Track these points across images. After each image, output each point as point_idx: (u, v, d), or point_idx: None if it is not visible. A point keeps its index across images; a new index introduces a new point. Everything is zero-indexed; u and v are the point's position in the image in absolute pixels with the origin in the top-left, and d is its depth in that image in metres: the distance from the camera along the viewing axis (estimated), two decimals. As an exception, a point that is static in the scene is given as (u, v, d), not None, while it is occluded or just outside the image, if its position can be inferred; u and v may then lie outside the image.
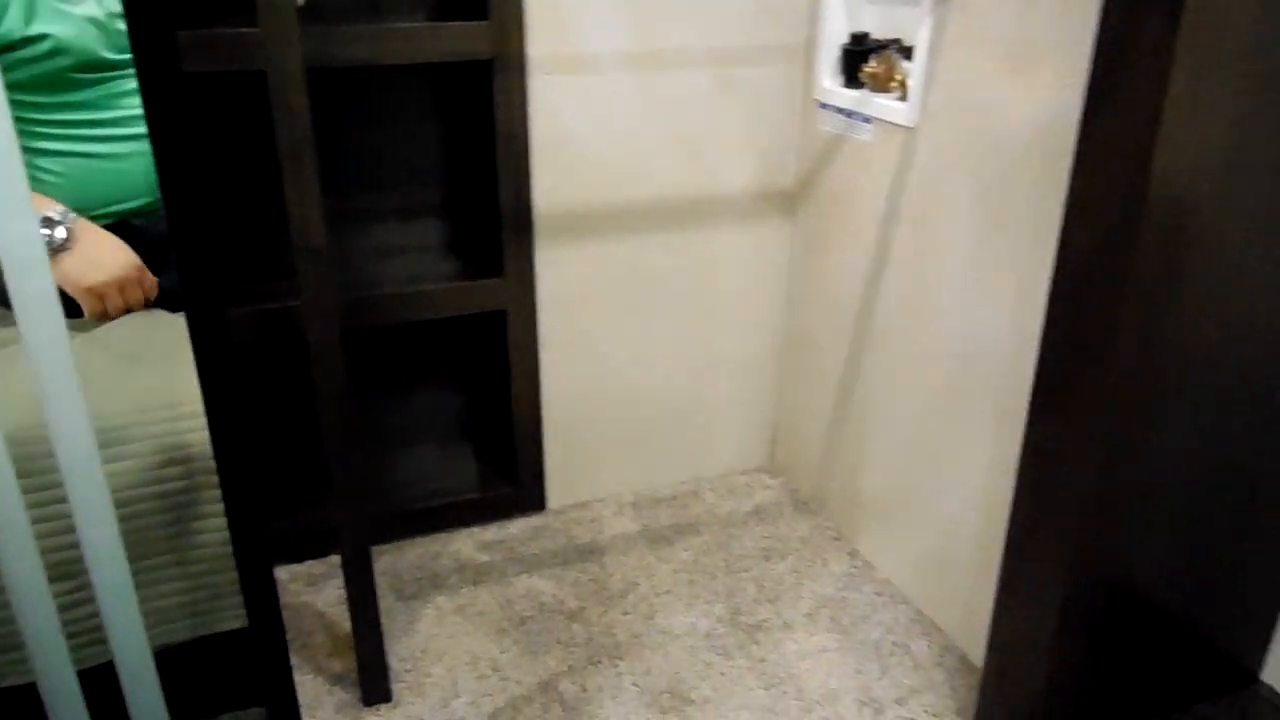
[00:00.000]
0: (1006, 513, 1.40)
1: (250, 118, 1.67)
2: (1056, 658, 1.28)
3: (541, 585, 1.76)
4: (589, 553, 1.86)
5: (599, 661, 1.57)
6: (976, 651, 1.55)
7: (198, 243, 0.76)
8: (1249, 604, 1.40)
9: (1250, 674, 1.44)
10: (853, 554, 1.86)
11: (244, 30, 1.48)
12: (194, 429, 1.03)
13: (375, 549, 1.84)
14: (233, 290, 1.68)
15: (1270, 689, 1.42)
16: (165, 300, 1.32)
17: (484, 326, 1.90)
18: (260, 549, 0.89)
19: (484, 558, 1.85)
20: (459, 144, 1.84)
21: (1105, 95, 1.06)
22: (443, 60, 1.61)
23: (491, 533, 1.93)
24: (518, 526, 1.95)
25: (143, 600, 0.93)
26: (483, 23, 1.61)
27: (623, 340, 1.93)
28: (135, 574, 0.88)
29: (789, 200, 1.94)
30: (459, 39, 1.60)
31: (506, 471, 1.99)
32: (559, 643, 1.62)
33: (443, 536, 1.91)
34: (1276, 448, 1.27)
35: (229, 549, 1.01)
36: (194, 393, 0.91)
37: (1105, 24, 1.05)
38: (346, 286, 1.72)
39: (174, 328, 1.23)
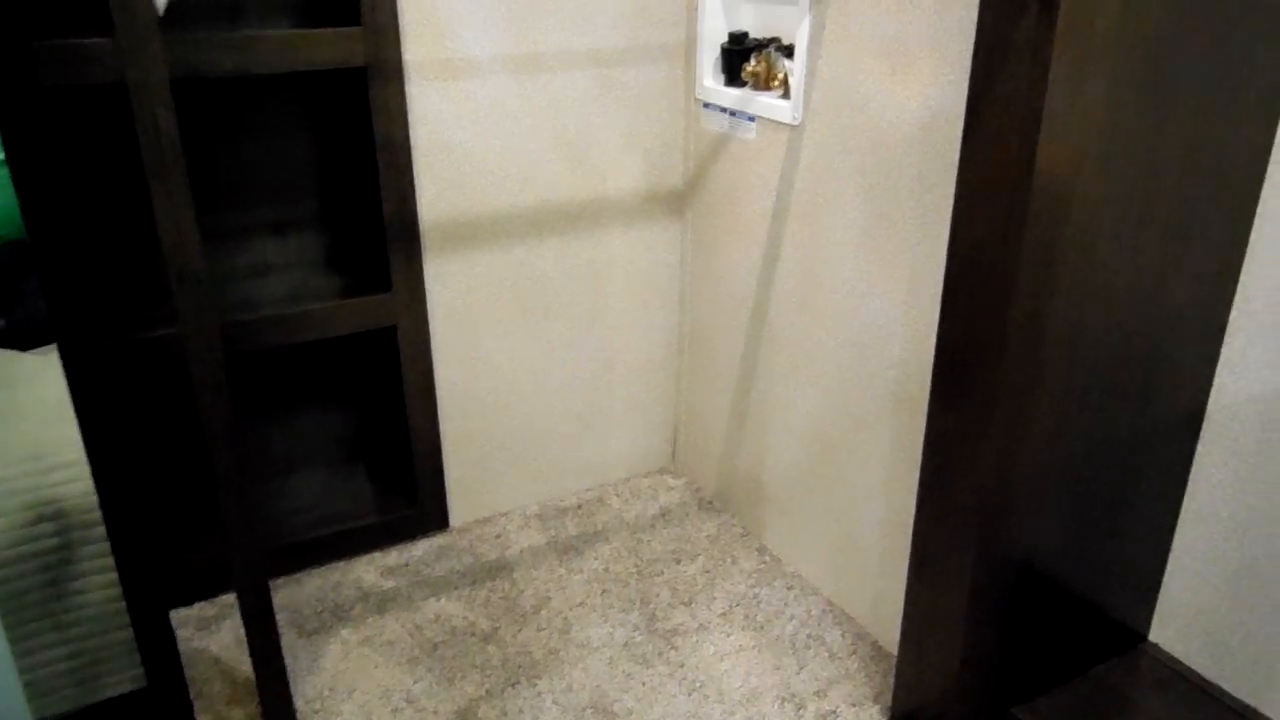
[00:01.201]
0: (909, 500, 1.43)
1: (115, 134, 1.55)
2: (968, 637, 1.32)
3: (451, 608, 1.71)
4: (498, 570, 1.81)
5: (517, 682, 1.54)
6: (888, 637, 1.59)
7: (66, 271, 0.69)
8: (1136, 570, 1.47)
9: (1139, 635, 1.52)
10: (761, 550, 1.87)
11: (102, 40, 1.37)
12: (66, 481, 0.95)
13: (271, 583, 1.75)
14: (106, 319, 1.56)
15: (1156, 646, 1.51)
16: (8, 337, 1.21)
17: (374, 343, 1.83)
18: (156, 601, 0.82)
19: (388, 584, 1.78)
20: (336, 153, 1.76)
21: (987, 93, 1.09)
22: (316, 69, 1.54)
23: (394, 557, 1.86)
24: (421, 548, 1.89)
25: (21, 671, 0.84)
26: (356, 29, 1.54)
27: (518, 349, 1.89)
28: (11, 643, 0.80)
29: (677, 200, 1.94)
30: (332, 46, 1.53)
31: (406, 491, 1.92)
32: (475, 666, 1.57)
33: (342, 565, 1.83)
34: (1153, 422, 1.34)
35: (113, 607, 0.93)
36: (62, 441, 0.83)
37: (983, 24, 1.08)
38: (225, 309, 1.62)
39: (22, 368, 1.13)
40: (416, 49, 1.60)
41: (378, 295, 1.71)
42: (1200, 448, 1.39)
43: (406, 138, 1.63)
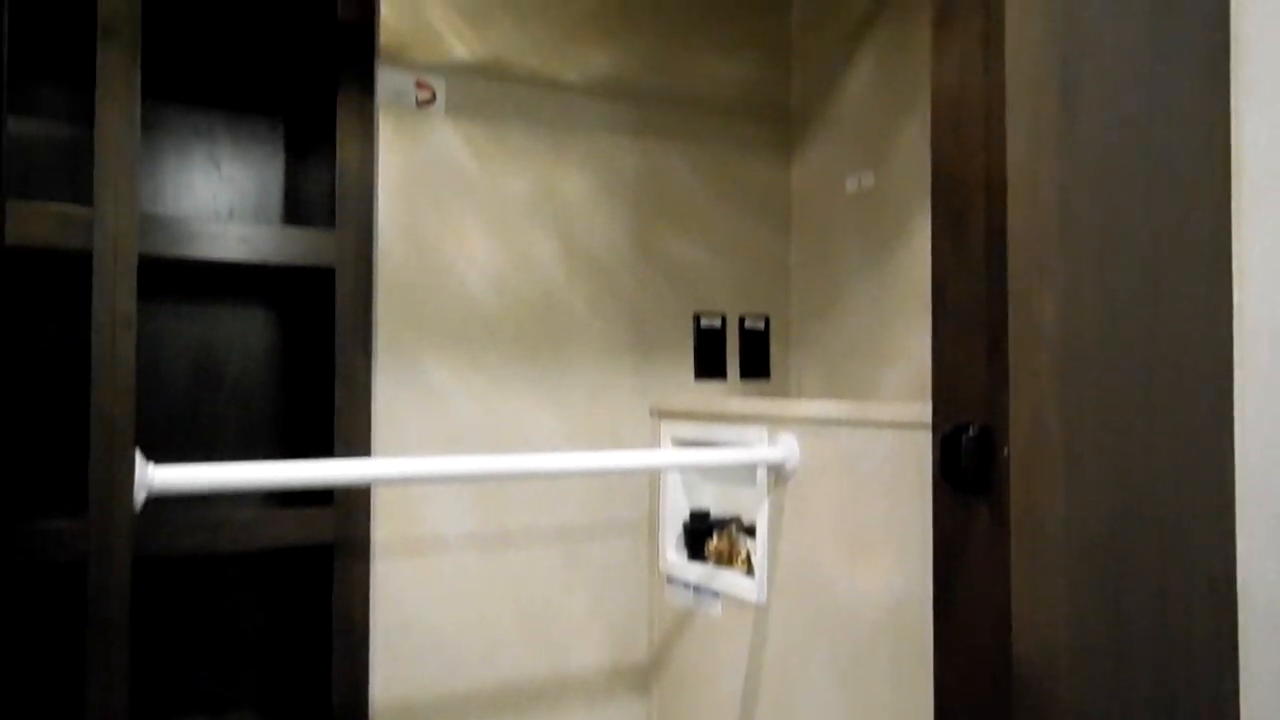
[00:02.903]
0: None
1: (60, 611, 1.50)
2: None
3: None
4: None
5: None
6: None
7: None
8: None
9: None
10: None
11: (71, 523, 1.37)
12: None
13: None
14: None
15: None
16: None
17: None
18: None
19: None
20: (288, 627, 1.71)
21: (951, 591, 1.11)
22: (282, 547, 1.54)
23: None
24: None
25: None
26: (328, 508, 1.57)
27: None
28: None
29: (642, 676, 1.87)
30: (302, 525, 1.55)
31: None
32: None
33: None
34: None
35: None
36: None
37: (938, 521, 1.13)
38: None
39: None
40: (386, 527, 1.62)
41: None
42: None
43: (366, 617, 1.60)
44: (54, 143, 1.54)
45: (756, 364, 2.03)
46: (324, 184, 1.65)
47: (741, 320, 2.02)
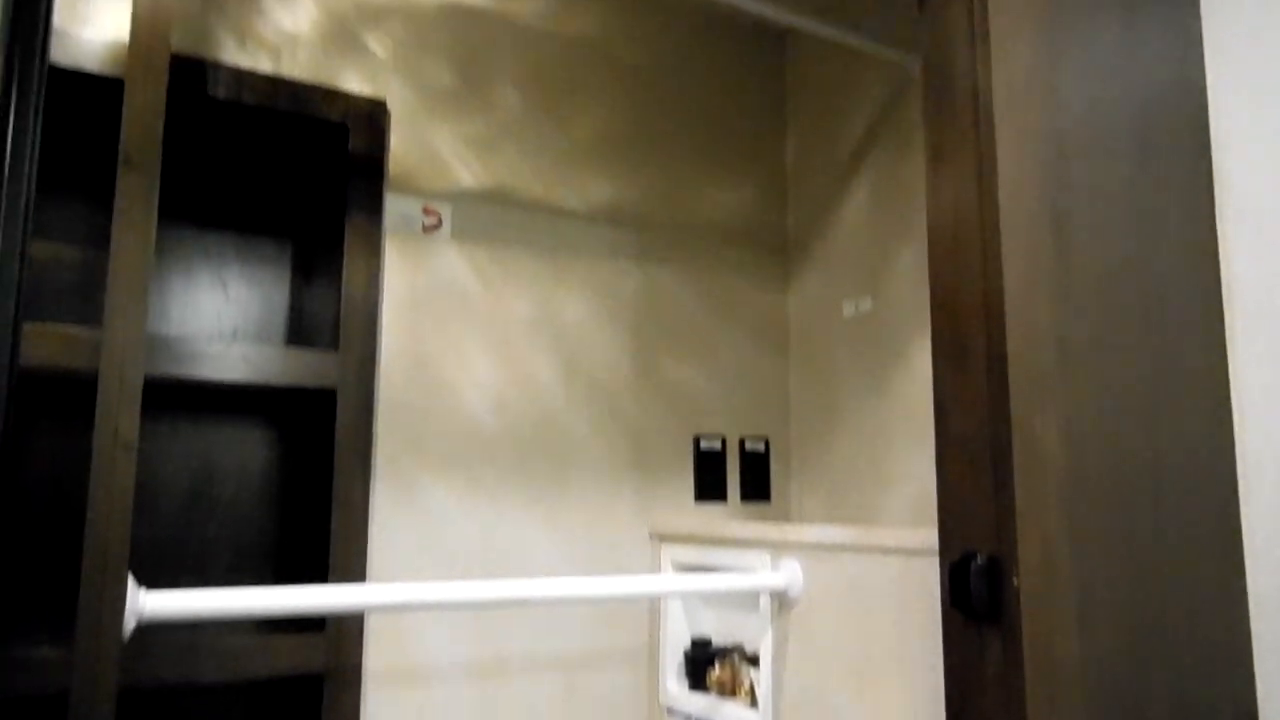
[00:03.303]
0: None
1: None
2: None
3: None
4: None
5: None
6: None
7: None
8: None
9: None
10: None
11: (49, 653, 1.33)
12: None
13: None
14: None
15: None
16: None
17: None
18: None
19: None
20: (272, 766, 1.63)
21: (965, 720, 1.08)
22: (271, 676, 1.49)
23: None
24: None
25: None
26: (319, 635, 1.53)
27: None
28: None
29: (641, 816, 1.78)
30: (292, 653, 1.51)
31: None
32: None
33: None
34: None
35: None
36: None
37: (949, 651, 1.10)
38: None
39: None
40: (378, 655, 1.58)
41: None
42: None
43: (354, 750, 1.53)
44: (64, 264, 1.57)
45: (757, 486, 2.02)
46: (329, 305, 1.68)
47: (742, 442, 2.02)
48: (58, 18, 1.46)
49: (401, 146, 1.73)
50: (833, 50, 2.08)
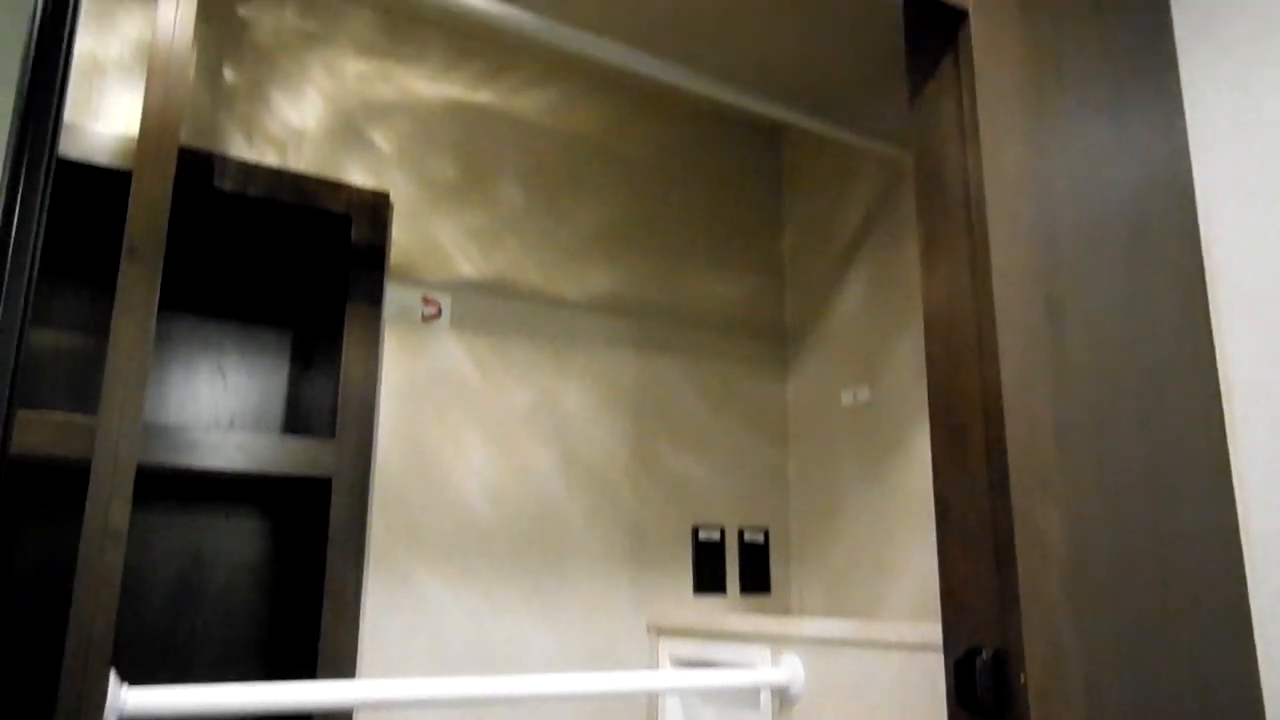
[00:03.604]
0: None
1: None
2: None
3: None
4: None
5: None
6: None
7: None
8: None
9: None
10: None
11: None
12: None
13: None
14: None
15: None
16: None
17: None
18: None
19: None
20: None
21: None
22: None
23: None
24: None
25: None
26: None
27: None
28: None
29: None
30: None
31: None
32: None
33: None
34: None
35: None
36: None
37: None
38: None
39: None
40: (366, 755, 1.52)
41: None
42: None
43: None
44: (63, 351, 1.57)
45: (757, 578, 1.99)
46: (327, 394, 1.67)
47: (741, 533, 1.99)
48: (71, 112, 1.50)
49: (403, 238, 1.75)
50: (828, 144, 2.13)
